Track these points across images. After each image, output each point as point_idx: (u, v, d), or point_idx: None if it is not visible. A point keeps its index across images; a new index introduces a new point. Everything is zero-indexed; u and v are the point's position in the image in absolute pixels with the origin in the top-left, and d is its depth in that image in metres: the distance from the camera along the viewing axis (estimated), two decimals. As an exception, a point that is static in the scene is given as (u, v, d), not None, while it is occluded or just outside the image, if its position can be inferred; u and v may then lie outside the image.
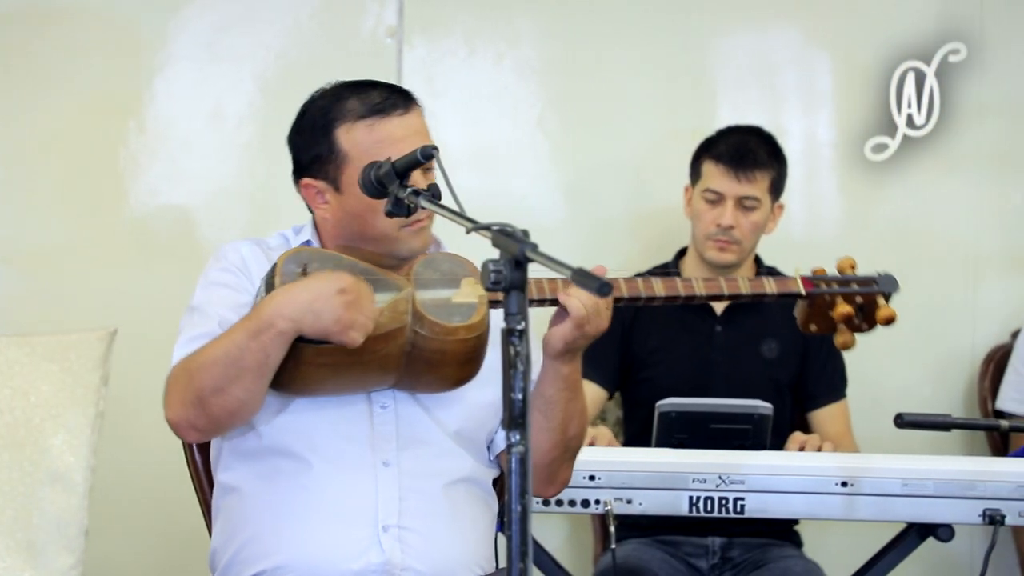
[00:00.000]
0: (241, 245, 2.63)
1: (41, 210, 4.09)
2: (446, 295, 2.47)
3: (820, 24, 4.31)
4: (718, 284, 2.67)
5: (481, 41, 4.23)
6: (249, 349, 2.38)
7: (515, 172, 4.25)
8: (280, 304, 2.37)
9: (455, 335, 2.44)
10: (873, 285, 2.71)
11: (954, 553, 4.16)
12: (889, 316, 2.68)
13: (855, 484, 3.06)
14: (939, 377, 4.28)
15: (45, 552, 3.02)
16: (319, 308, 2.36)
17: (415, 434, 2.54)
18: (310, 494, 2.49)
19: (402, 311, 2.43)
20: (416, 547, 2.49)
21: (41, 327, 3.62)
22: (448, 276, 2.49)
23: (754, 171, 3.66)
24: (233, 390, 2.41)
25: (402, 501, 2.50)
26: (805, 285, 2.68)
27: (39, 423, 3.07)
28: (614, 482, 3.06)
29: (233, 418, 2.46)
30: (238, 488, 2.56)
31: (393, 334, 2.42)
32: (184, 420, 2.46)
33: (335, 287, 2.37)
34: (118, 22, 4.09)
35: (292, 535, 2.48)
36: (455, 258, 2.53)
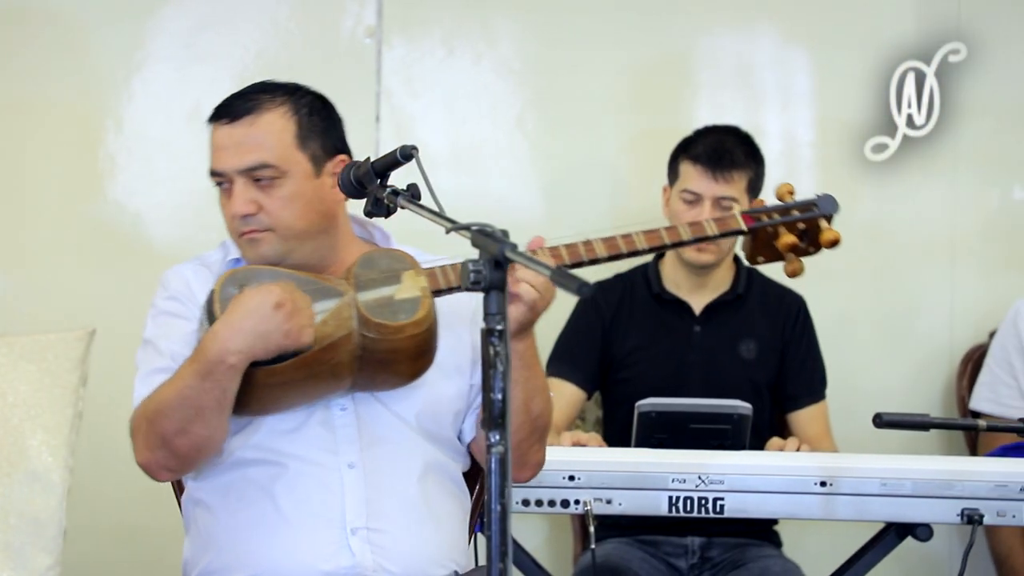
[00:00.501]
0: (183, 269, 2.64)
1: (19, 210, 4.07)
2: (388, 293, 2.45)
3: (798, 23, 4.31)
4: (659, 235, 2.61)
5: (460, 41, 4.23)
6: (203, 389, 2.38)
7: (494, 172, 4.25)
8: (225, 339, 2.36)
9: (403, 333, 2.43)
10: (813, 209, 2.67)
11: (933, 553, 4.17)
12: (833, 238, 2.65)
13: (834, 484, 3.07)
14: (917, 377, 4.29)
15: (23, 552, 3.01)
16: (264, 330, 2.35)
17: (377, 432, 2.54)
18: (278, 502, 2.50)
19: (346, 317, 2.42)
20: (386, 547, 2.49)
21: (19, 327, 3.60)
22: (388, 273, 2.47)
23: (731, 171, 3.66)
24: (195, 429, 2.42)
25: (369, 503, 2.50)
26: (746, 221, 2.64)
27: (17, 423, 3.06)
28: (594, 482, 3.06)
29: (200, 453, 2.48)
30: (206, 502, 2.57)
31: (341, 341, 2.42)
32: (153, 463, 2.48)
33: (270, 303, 2.36)
34: (96, 22, 4.08)
35: (262, 544, 2.49)
36: (393, 253, 2.52)
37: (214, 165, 2.57)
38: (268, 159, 2.52)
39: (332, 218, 2.57)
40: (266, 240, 2.53)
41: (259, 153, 2.52)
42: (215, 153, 2.56)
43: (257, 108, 2.55)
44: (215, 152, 2.56)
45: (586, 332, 3.78)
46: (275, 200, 2.52)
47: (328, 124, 2.60)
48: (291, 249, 2.53)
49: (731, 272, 3.79)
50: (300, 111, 2.57)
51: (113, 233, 4.09)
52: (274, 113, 2.55)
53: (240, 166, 2.52)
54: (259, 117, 2.54)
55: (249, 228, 2.53)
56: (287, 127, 2.54)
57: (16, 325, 3.78)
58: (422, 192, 2.45)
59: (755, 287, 3.80)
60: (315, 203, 2.54)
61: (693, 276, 3.76)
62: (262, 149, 2.52)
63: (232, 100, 2.58)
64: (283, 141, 2.53)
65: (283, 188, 2.52)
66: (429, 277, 2.48)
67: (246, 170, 2.52)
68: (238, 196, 2.52)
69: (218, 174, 2.56)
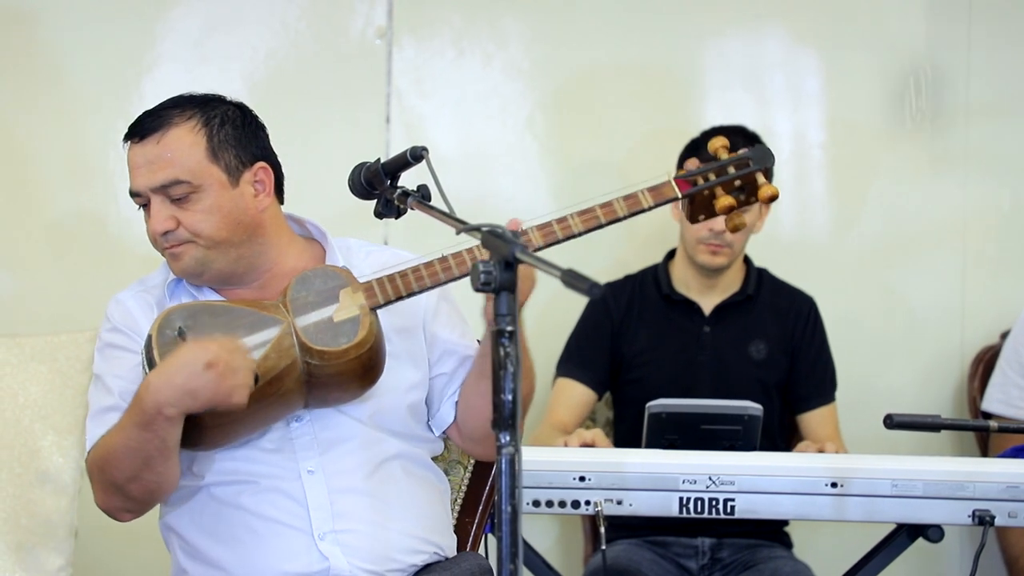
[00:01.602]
0: (124, 297, 2.63)
1: (30, 211, 4.08)
2: (327, 314, 2.44)
3: (810, 26, 4.31)
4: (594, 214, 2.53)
5: (470, 42, 4.22)
6: (145, 439, 2.39)
7: (504, 173, 4.25)
8: (158, 391, 2.36)
9: (346, 356, 2.43)
10: (749, 164, 2.53)
11: (944, 554, 4.16)
12: (771, 194, 2.52)
13: (845, 485, 3.06)
14: (928, 378, 4.28)
15: (35, 553, 3.02)
16: (193, 388, 2.35)
17: (334, 436, 2.55)
18: (246, 516, 2.51)
19: (288, 346, 2.42)
20: (357, 546, 2.50)
21: (30, 328, 3.61)
22: (324, 293, 2.46)
23: None
24: (145, 475, 2.43)
25: (333, 505, 2.51)
26: (680, 186, 2.52)
27: (28, 424, 3.06)
28: (604, 483, 3.06)
29: (154, 496, 2.49)
30: (177, 528, 2.59)
31: (285, 371, 2.42)
32: (112, 506, 2.51)
33: (202, 362, 2.34)
34: (107, 23, 4.08)
35: (235, 559, 2.51)
36: (328, 271, 2.50)
37: (131, 185, 2.56)
38: (179, 175, 2.51)
39: (256, 226, 2.55)
40: (187, 252, 2.53)
41: (170, 170, 2.51)
42: (131, 173, 2.56)
43: (165, 124, 2.54)
44: (131, 172, 2.56)
45: (596, 333, 3.78)
46: (192, 214, 2.51)
47: (243, 133, 2.57)
48: (213, 259, 2.53)
49: (741, 273, 3.79)
50: (211, 123, 2.55)
51: (122, 234, 4.09)
52: (182, 128, 2.53)
53: (153, 184, 2.52)
54: (167, 133, 2.53)
55: (170, 244, 2.53)
56: (197, 141, 2.53)
57: (25, 326, 3.78)
58: (432, 193, 2.45)
59: (765, 288, 3.80)
60: (235, 213, 2.53)
61: (703, 277, 3.75)
62: (173, 165, 2.51)
63: (142, 118, 2.58)
64: (193, 155, 2.52)
65: (199, 202, 2.51)
66: (367, 292, 2.46)
67: (159, 188, 2.51)
68: (156, 214, 2.52)
69: (136, 194, 2.56)
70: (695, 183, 2.53)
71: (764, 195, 2.53)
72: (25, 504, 3.02)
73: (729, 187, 2.53)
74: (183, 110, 2.54)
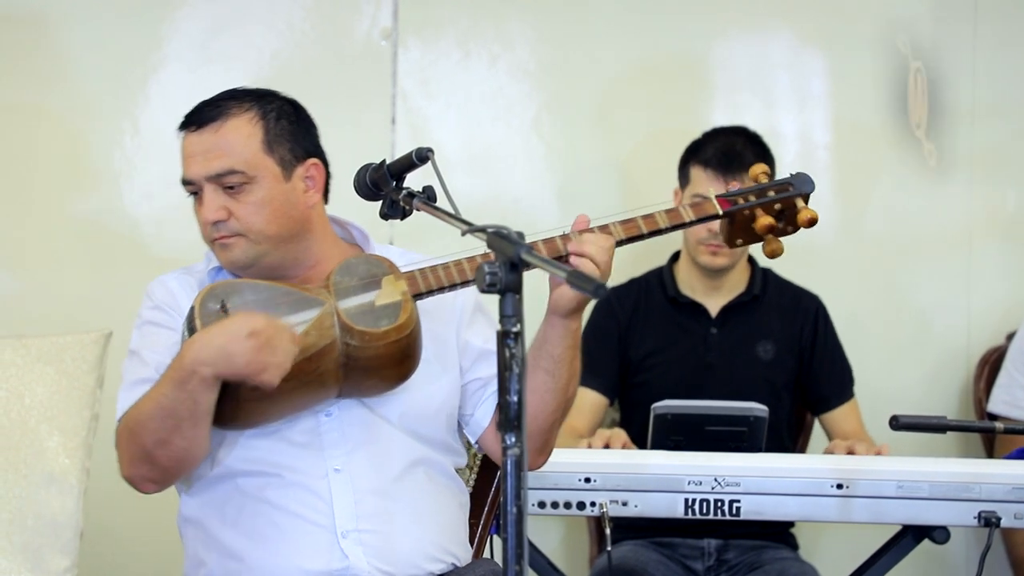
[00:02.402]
0: (167, 279, 2.65)
1: (36, 212, 4.08)
2: (369, 299, 2.45)
3: (814, 25, 4.31)
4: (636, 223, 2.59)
5: (475, 43, 4.23)
6: (178, 399, 2.39)
7: (510, 174, 4.25)
8: (197, 350, 2.38)
9: (386, 339, 2.43)
10: (789, 188, 2.62)
11: (949, 555, 4.16)
12: (811, 217, 2.60)
13: (850, 486, 3.06)
14: (934, 379, 4.28)
15: (41, 554, 3.02)
16: (231, 352, 2.36)
17: (362, 435, 2.55)
18: (270, 510, 2.51)
19: (328, 326, 2.43)
20: (378, 547, 2.50)
21: (36, 329, 3.61)
22: (367, 279, 2.47)
23: (742, 174, 3.65)
24: (175, 440, 2.43)
25: (358, 504, 2.51)
26: (722, 204, 2.60)
27: (34, 425, 3.06)
28: (610, 484, 3.06)
29: (182, 465, 2.49)
30: (197, 520, 2.59)
31: (324, 351, 2.42)
32: (137, 475, 2.50)
33: (246, 330, 2.36)
34: (112, 24, 4.08)
35: (255, 552, 2.51)
36: (371, 259, 2.52)
37: (184, 173, 2.58)
38: (235, 165, 2.52)
39: (304, 222, 2.57)
40: (237, 245, 2.54)
41: (226, 159, 2.53)
42: (184, 161, 2.58)
43: (223, 114, 2.56)
44: (184, 160, 2.58)
45: (604, 338, 3.77)
46: (244, 206, 2.52)
47: (297, 128, 2.60)
48: (262, 253, 2.54)
49: (746, 274, 3.79)
50: (267, 116, 2.57)
51: (128, 235, 4.09)
52: (240, 119, 2.55)
53: (208, 173, 2.53)
54: (225, 123, 2.55)
55: (220, 234, 2.54)
56: (254, 132, 2.55)
57: (30, 328, 3.78)
58: (438, 194, 2.45)
59: (771, 288, 3.80)
60: (285, 208, 2.54)
61: (708, 279, 3.75)
62: (229, 155, 2.53)
63: (200, 107, 2.59)
64: (250, 147, 2.54)
65: (252, 194, 2.52)
66: (409, 281, 2.48)
67: (214, 176, 2.53)
68: (208, 203, 2.54)
69: (188, 182, 2.57)
70: (736, 203, 2.59)
71: (803, 219, 2.60)
72: (31, 505, 3.02)
73: (769, 210, 2.59)
74: (241, 102, 2.56)
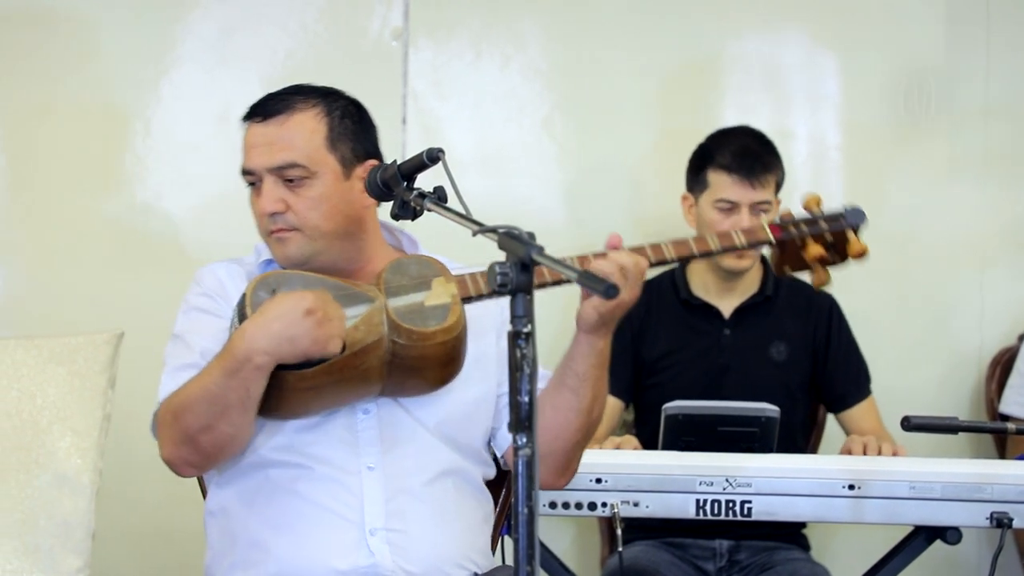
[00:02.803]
0: (217, 267, 2.66)
1: (48, 212, 4.09)
2: (418, 299, 2.46)
3: (827, 27, 4.30)
4: (688, 245, 2.63)
5: (487, 44, 4.23)
6: (229, 387, 2.39)
7: (521, 174, 4.25)
8: (253, 338, 2.37)
9: (433, 339, 2.44)
10: (841, 220, 2.67)
11: (961, 556, 4.15)
12: (861, 251, 2.65)
13: (862, 487, 3.06)
14: (946, 380, 4.27)
15: (52, 555, 3.02)
16: (293, 334, 2.36)
17: (398, 435, 2.55)
18: (299, 502, 2.51)
19: (377, 323, 2.43)
20: (405, 548, 2.50)
21: (48, 329, 3.62)
22: (418, 279, 2.48)
23: (765, 175, 3.67)
24: (220, 426, 2.43)
25: (388, 503, 2.51)
26: (774, 232, 2.64)
27: (46, 425, 3.07)
28: (621, 484, 3.06)
29: (224, 451, 2.49)
30: (224, 510, 2.58)
31: (371, 347, 2.43)
32: (178, 458, 2.49)
33: (301, 309, 2.36)
34: (124, 24, 4.09)
35: (282, 542, 2.50)
36: (423, 259, 2.53)
37: (245, 163, 2.59)
38: (298, 159, 2.54)
39: (360, 222, 2.58)
40: (293, 240, 2.55)
41: (289, 152, 2.54)
42: (247, 151, 2.59)
43: (289, 108, 2.57)
44: (247, 150, 2.59)
45: (617, 341, 3.73)
46: (303, 200, 2.54)
47: (360, 129, 2.62)
48: (318, 250, 2.55)
49: (759, 274, 3.79)
50: (332, 113, 2.59)
51: (141, 235, 4.10)
52: (306, 114, 2.57)
53: (270, 164, 2.55)
54: (291, 117, 2.57)
55: (277, 227, 2.55)
56: (318, 128, 2.57)
57: (44, 327, 3.79)
58: (449, 195, 2.45)
59: (783, 288, 3.79)
60: (343, 205, 2.56)
61: (722, 280, 3.75)
62: (292, 149, 2.55)
63: (266, 100, 2.61)
64: (313, 142, 2.56)
65: (311, 188, 2.54)
66: (459, 284, 2.49)
67: (276, 168, 2.55)
68: (267, 194, 2.55)
69: (249, 172, 2.59)
70: (788, 231, 2.62)
71: (854, 251, 2.66)
72: (43, 505, 3.03)
73: (820, 240, 2.64)
74: (307, 97, 2.59)
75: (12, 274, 4.08)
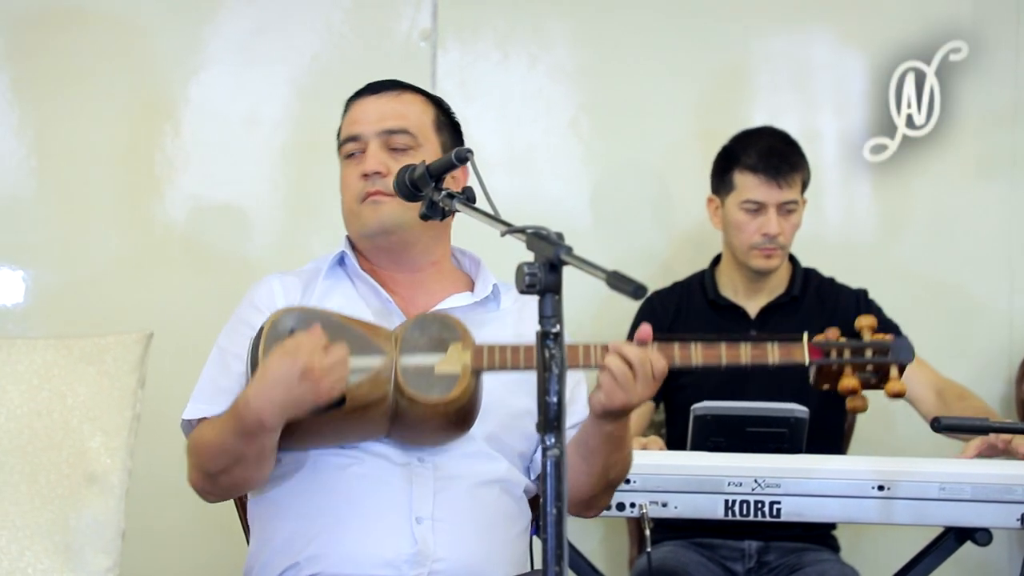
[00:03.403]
0: (272, 280, 2.66)
1: (77, 213, 4.11)
2: (430, 362, 2.45)
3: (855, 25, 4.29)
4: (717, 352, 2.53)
5: (514, 44, 4.23)
6: (244, 445, 2.43)
7: (548, 175, 4.25)
8: (260, 408, 2.38)
9: (435, 409, 2.44)
10: (886, 355, 2.52)
11: (992, 558, 4.13)
12: (898, 391, 2.50)
13: (892, 488, 3.05)
14: (976, 380, 4.24)
15: (82, 554, 3.04)
16: (295, 397, 2.36)
17: None
18: (346, 487, 2.51)
19: (383, 381, 2.44)
20: (448, 540, 2.50)
21: (77, 329, 3.63)
22: (435, 341, 2.47)
23: (792, 175, 3.67)
24: (236, 471, 2.48)
25: (436, 495, 2.51)
26: (812, 354, 2.52)
27: (76, 425, 3.08)
28: (649, 485, 3.05)
29: (241, 490, 2.56)
30: (270, 496, 2.59)
31: (374, 403, 2.44)
32: (201, 488, 2.55)
33: (296, 374, 2.35)
34: (153, 26, 4.11)
35: (325, 526, 2.50)
36: (447, 320, 2.51)
37: (351, 131, 2.64)
38: (409, 127, 2.62)
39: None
40: (388, 205, 2.57)
41: (402, 120, 2.62)
42: (354, 122, 2.65)
43: (401, 88, 2.68)
44: (353, 121, 2.65)
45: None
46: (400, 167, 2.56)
47: (455, 130, 2.71)
48: (407, 223, 2.56)
49: (787, 274, 3.78)
50: (438, 106, 2.70)
51: (169, 236, 4.12)
52: (416, 96, 2.68)
53: (381, 127, 2.61)
54: (403, 94, 2.67)
55: (375, 188, 2.58)
56: (427, 110, 2.67)
57: (73, 327, 3.81)
58: (477, 195, 2.45)
59: (811, 287, 3.78)
60: None
61: (750, 281, 3.74)
62: (404, 118, 2.63)
63: (377, 81, 2.70)
64: (423, 120, 2.65)
65: (413, 158, 2.57)
66: (474, 354, 2.46)
67: (385, 132, 2.61)
68: (371, 156, 2.60)
69: (354, 139, 2.63)
70: (828, 354, 2.52)
71: (891, 390, 2.51)
72: (73, 505, 3.04)
73: (859, 369, 2.52)
74: (414, 89, 2.70)
75: (42, 274, 4.09)
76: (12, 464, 3.05)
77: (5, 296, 4.08)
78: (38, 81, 4.09)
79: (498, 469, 2.58)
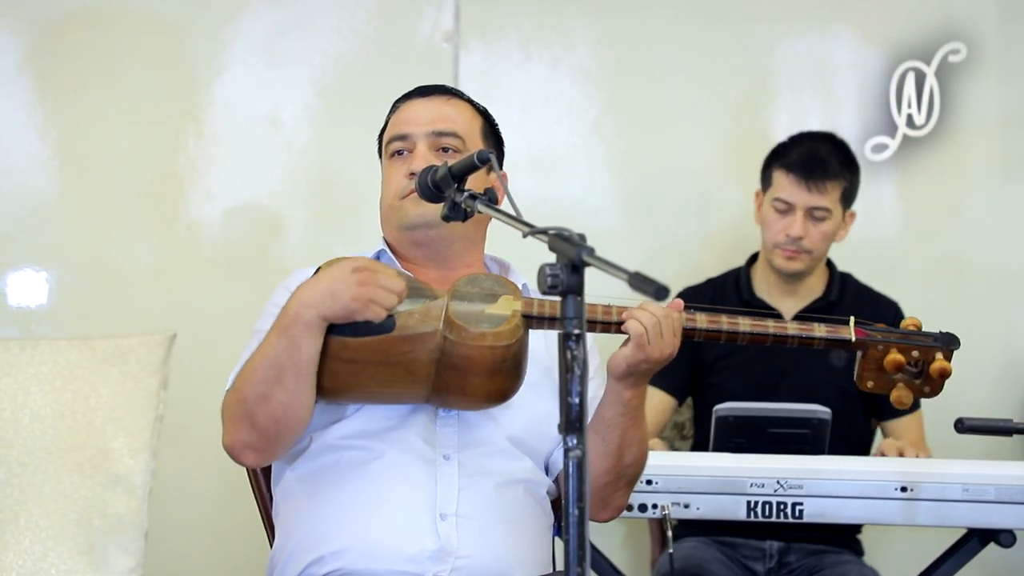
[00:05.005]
0: (309, 271, 2.66)
1: (101, 214, 4.12)
2: (480, 307, 2.48)
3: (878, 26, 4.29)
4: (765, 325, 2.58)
5: (537, 45, 4.23)
6: (281, 346, 2.42)
7: (571, 176, 4.25)
8: (302, 295, 2.42)
9: (480, 341, 2.44)
10: (932, 341, 2.58)
11: (1016, 559, 4.12)
12: (942, 369, 2.54)
13: (915, 489, 3.04)
14: (1000, 381, 4.24)
15: (106, 555, 3.05)
16: (336, 289, 2.40)
17: (475, 436, 2.56)
18: (371, 482, 2.51)
19: (434, 316, 2.45)
20: (472, 537, 2.50)
21: (100, 330, 3.64)
22: (487, 292, 2.50)
23: (825, 181, 3.64)
24: (276, 394, 2.44)
25: (461, 491, 2.51)
26: (858, 332, 2.57)
27: (100, 426, 3.09)
28: (671, 486, 3.05)
29: (280, 426, 2.48)
30: (294, 493, 2.58)
31: (423, 337, 2.44)
32: (238, 441, 2.49)
33: (349, 267, 2.41)
34: (176, 27, 4.12)
35: (349, 521, 2.50)
36: (500, 279, 2.55)
37: (400, 130, 2.66)
38: (459, 131, 2.65)
39: (481, 220, 2.62)
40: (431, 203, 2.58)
41: (451, 123, 2.66)
42: (403, 122, 2.67)
43: (451, 93, 2.71)
44: (403, 121, 2.68)
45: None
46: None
47: (500, 141, 2.75)
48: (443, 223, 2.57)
49: (824, 278, 3.77)
50: (486, 117, 2.73)
51: (192, 237, 4.13)
52: (465, 104, 2.71)
53: (431, 128, 2.64)
54: (453, 99, 2.70)
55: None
56: (476, 118, 2.70)
57: (97, 328, 3.82)
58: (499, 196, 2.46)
59: (848, 293, 3.77)
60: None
61: (784, 283, 3.74)
62: (455, 121, 2.66)
63: (428, 85, 2.72)
64: (472, 126, 2.69)
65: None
66: (525, 304, 2.50)
67: (435, 133, 2.64)
68: (420, 155, 2.62)
69: (402, 138, 2.66)
70: (872, 334, 2.56)
71: (935, 368, 2.55)
72: (96, 505, 3.05)
73: (903, 349, 2.56)
74: (462, 95, 2.73)
75: (66, 276, 4.11)
76: (36, 465, 3.06)
77: (29, 297, 4.09)
78: (62, 83, 4.11)
79: (523, 469, 2.59)
